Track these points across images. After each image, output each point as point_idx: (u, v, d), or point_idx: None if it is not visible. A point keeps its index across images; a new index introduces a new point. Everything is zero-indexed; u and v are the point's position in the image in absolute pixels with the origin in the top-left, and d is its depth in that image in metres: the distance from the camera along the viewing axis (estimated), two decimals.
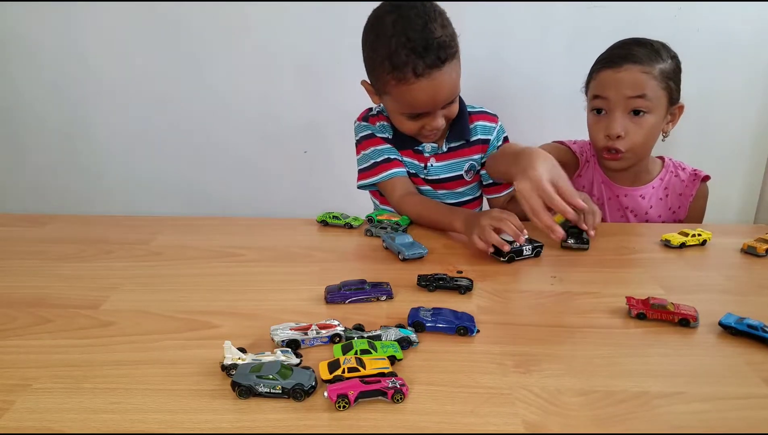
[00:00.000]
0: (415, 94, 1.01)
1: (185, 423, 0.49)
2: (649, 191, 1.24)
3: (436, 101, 1.04)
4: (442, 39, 0.98)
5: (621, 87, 1.10)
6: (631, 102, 1.10)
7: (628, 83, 1.09)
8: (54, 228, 1.02)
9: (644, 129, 1.12)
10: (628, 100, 1.10)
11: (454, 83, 1.04)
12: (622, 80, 1.09)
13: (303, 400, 0.51)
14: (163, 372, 0.56)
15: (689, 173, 1.26)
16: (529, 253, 0.88)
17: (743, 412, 0.52)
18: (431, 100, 1.03)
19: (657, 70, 1.09)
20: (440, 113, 1.07)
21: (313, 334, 0.61)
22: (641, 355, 0.61)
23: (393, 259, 0.88)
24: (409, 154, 1.20)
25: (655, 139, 1.17)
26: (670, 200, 1.25)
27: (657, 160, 1.28)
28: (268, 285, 0.79)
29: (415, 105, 1.04)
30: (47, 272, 0.82)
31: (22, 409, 0.50)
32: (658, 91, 1.10)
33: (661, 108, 1.12)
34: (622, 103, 1.10)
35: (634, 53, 1.10)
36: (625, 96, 1.10)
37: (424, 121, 1.08)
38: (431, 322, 0.64)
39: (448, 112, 1.09)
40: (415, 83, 0.99)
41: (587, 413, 0.51)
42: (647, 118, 1.11)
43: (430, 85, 0.99)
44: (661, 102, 1.11)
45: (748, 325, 0.64)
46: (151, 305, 0.71)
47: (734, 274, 0.86)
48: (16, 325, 0.66)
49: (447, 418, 0.50)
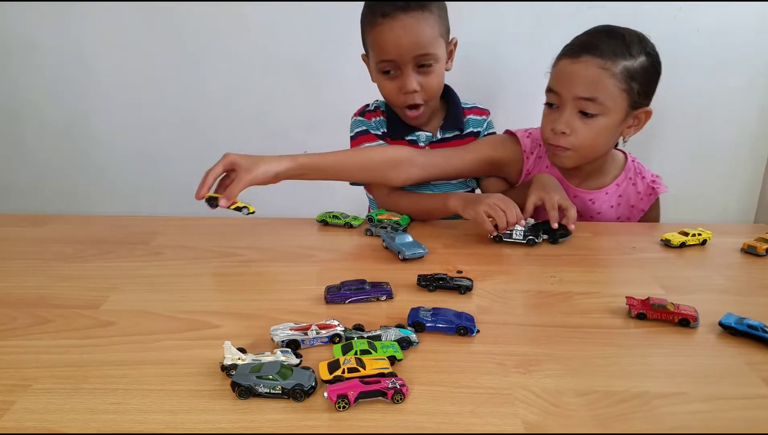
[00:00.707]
0: (381, 36, 1.07)
1: (185, 423, 0.49)
2: (601, 197, 1.15)
3: (400, 46, 1.06)
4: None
5: (573, 84, 0.99)
6: (581, 103, 1.00)
7: (581, 80, 0.98)
8: (54, 228, 1.02)
9: (593, 131, 1.01)
10: (577, 100, 1.00)
11: (422, 34, 1.06)
12: (576, 75, 0.99)
13: (303, 400, 0.51)
14: (163, 372, 0.56)
15: (647, 185, 1.17)
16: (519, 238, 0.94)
17: (743, 412, 0.52)
18: (395, 44, 1.06)
19: (619, 68, 0.97)
20: (412, 73, 1.09)
21: (313, 335, 0.61)
22: (641, 355, 0.61)
23: (393, 259, 0.88)
24: (404, 145, 1.20)
25: (609, 143, 1.07)
26: (621, 209, 1.17)
27: (618, 160, 1.18)
28: (268, 285, 0.79)
29: (383, 48, 1.08)
30: (47, 272, 0.82)
31: (22, 409, 0.50)
32: (615, 92, 0.98)
33: (618, 111, 1.00)
34: (571, 101, 1.01)
35: (598, 44, 0.98)
36: (575, 95, 0.99)
37: (399, 82, 1.10)
38: (431, 322, 0.64)
39: (425, 80, 1.11)
40: (382, 24, 1.06)
41: (587, 413, 0.51)
42: (598, 120, 1.00)
43: (395, 26, 1.05)
44: (617, 104, 0.99)
45: (748, 325, 0.64)
46: (151, 305, 0.71)
47: (734, 274, 0.86)
48: (16, 325, 0.66)
49: (447, 419, 0.50)
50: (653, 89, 1.04)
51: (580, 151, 1.05)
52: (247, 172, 0.91)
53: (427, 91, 1.12)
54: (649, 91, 1.03)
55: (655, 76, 1.02)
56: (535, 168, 1.17)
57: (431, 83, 1.12)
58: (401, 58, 1.07)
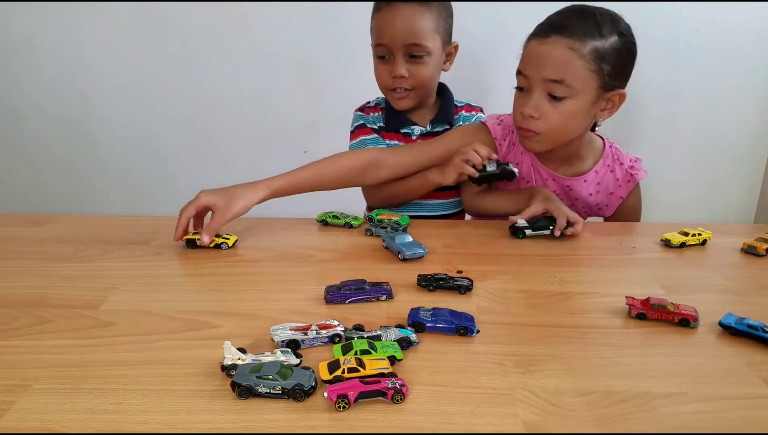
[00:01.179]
0: (379, 20, 1.14)
1: (185, 423, 0.49)
2: (579, 184, 1.13)
3: (393, 32, 1.12)
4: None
5: (540, 66, 0.97)
6: (549, 85, 0.97)
7: (548, 62, 0.96)
8: (54, 228, 1.02)
9: (562, 114, 0.98)
10: (545, 83, 0.97)
11: (416, 24, 1.11)
12: (543, 56, 0.96)
13: (303, 400, 0.51)
14: (163, 372, 0.56)
15: (625, 170, 1.14)
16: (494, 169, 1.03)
17: (743, 412, 0.52)
18: (389, 29, 1.12)
19: (588, 48, 0.93)
20: (402, 60, 1.14)
21: (313, 335, 0.61)
22: (641, 355, 0.61)
23: (393, 259, 0.88)
24: (399, 138, 1.26)
25: (580, 126, 1.03)
26: (599, 196, 1.15)
27: (597, 145, 1.15)
28: (268, 285, 0.79)
29: (379, 33, 1.15)
30: (47, 272, 0.82)
31: (22, 409, 0.50)
32: (584, 74, 0.95)
33: (588, 93, 0.97)
34: (539, 84, 0.98)
35: (567, 24, 0.95)
36: (543, 77, 0.97)
37: (390, 67, 1.16)
38: (431, 322, 0.64)
39: (415, 69, 1.15)
40: (382, 9, 1.13)
41: (587, 413, 0.51)
42: (567, 103, 0.97)
43: (391, 13, 1.12)
44: (587, 86, 0.96)
45: (748, 325, 0.64)
46: (151, 305, 0.71)
47: (734, 274, 0.86)
48: (16, 325, 0.66)
49: (447, 419, 0.50)
50: (627, 71, 1.00)
51: (550, 135, 1.02)
52: (226, 211, 0.92)
53: (416, 79, 1.16)
54: (622, 73, 0.99)
55: (628, 57, 0.99)
56: (509, 154, 1.15)
57: (421, 73, 1.16)
58: (393, 43, 1.13)
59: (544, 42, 0.96)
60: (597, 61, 0.95)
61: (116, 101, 1.85)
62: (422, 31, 1.12)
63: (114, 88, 1.83)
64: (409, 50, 1.13)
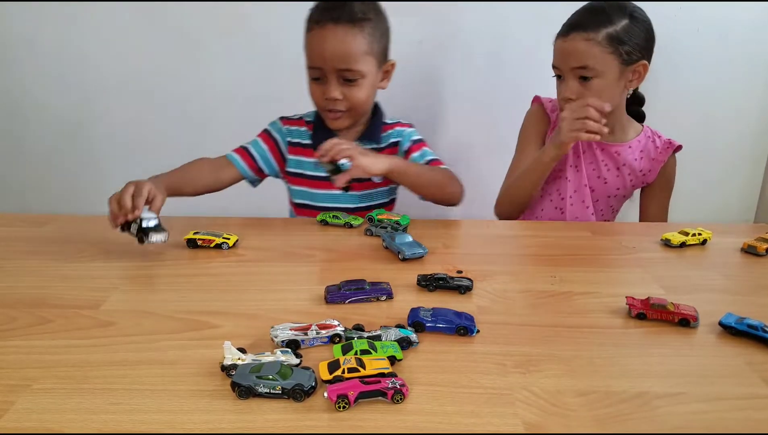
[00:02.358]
0: (311, 42, 1.12)
1: (185, 423, 0.49)
2: (625, 149, 1.29)
3: (324, 56, 1.09)
4: (351, 7, 1.08)
5: (567, 58, 1.17)
6: (576, 72, 1.17)
7: (571, 54, 1.16)
8: (54, 228, 1.02)
9: (593, 91, 1.16)
10: (574, 70, 1.17)
11: (347, 48, 1.08)
12: (567, 51, 1.17)
13: (303, 400, 0.51)
14: (163, 372, 0.56)
15: (664, 141, 1.32)
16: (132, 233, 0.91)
17: (743, 412, 0.52)
18: (320, 52, 1.09)
19: (602, 36, 1.13)
20: (336, 83, 1.11)
21: (313, 335, 0.61)
22: (641, 355, 0.61)
23: (393, 259, 0.88)
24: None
25: (614, 96, 1.20)
26: (643, 162, 1.31)
27: (636, 125, 1.33)
28: (268, 285, 0.79)
29: (310, 55, 1.12)
30: (47, 272, 0.82)
31: (22, 409, 0.50)
32: (603, 56, 1.14)
33: (611, 70, 1.16)
34: (569, 72, 1.18)
35: (581, 21, 1.16)
36: (570, 66, 1.17)
37: (324, 88, 1.13)
38: (431, 322, 0.64)
39: (349, 91, 1.12)
40: (312, 30, 1.10)
41: (587, 413, 0.51)
42: (595, 82, 1.16)
43: (322, 35, 1.08)
44: (609, 66, 1.15)
45: (748, 325, 0.64)
46: (151, 305, 0.71)
47: (734, 274, 0.86)
48: (16, 325, 0.66)
49: (447, 419, 0.50)
50: (645, 44, 1.17)
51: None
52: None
53: (349, 101, 1.13)
54: (641, 47, 1.16)
55: (642, 33, 1.16)
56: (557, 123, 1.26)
57: (355, 96, 1.13)
58: (325, 67, 1.10)
59: (566, 39, 1.17)
60: (612, 44, 1.14)
61: (116, 101, 1.84)
62: (355, 54, 1.09)
63: (114, 88, 1.83)
64: (342, 74, 1.11)
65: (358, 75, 1.11)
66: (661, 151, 1.31)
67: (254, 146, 1.26)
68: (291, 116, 1.28)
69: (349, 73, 1.10)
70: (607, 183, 1.31)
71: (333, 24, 1.07)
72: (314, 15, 1.11)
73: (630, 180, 1.31)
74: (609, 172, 1.30)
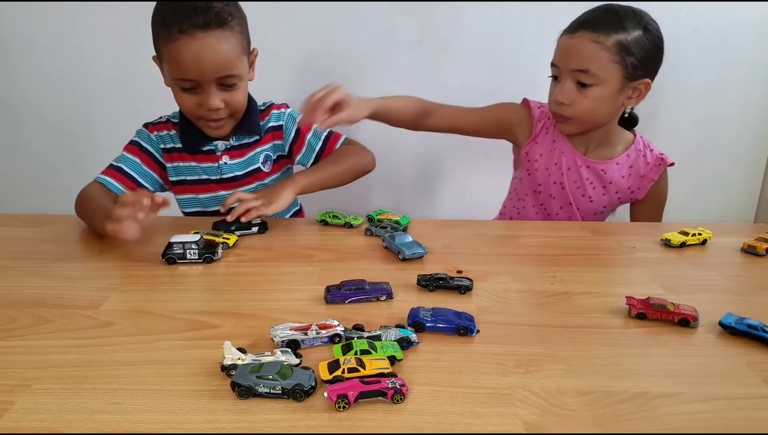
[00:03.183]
0: (179, 53, 0.98)
1: (185, 423, 0.49)
2: (612, 167, 1.21)
3: (201, 66, 0.99)
4: (216, 8, 0.98)
5: (569, 58, 1.09)
6: (576, 74, 1.09)
7: (575, 54, 1.08)
8: (54, 228, 1.02)
9: (589, 99, 1.10)
10: (573, 72, 1.09)
11: (224, 55, 1.00)
12: (571, 49, 1.09)
13: (303, 400, 0.51)
14: (163, 372, 0.56)
15: (656, 156, 1.23)
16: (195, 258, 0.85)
17: (743, 412, 0.52)
18: (195, 63, 0.98)
19: (612, 41, 1.05)
20: (216, 91, 1.03)
21: (313, 334, 0.61)
22: (641, 355, 0.61)
23: (393, 259, 0.88)
24: (201, 159, 1.16)
25: (608, 111, 1.14)
26: (631, 180, 1.23)
27: (627, 135, 1.24)
28: (268, 285, 0.79)
29: (181, 66, 1.00)
30: (47, 272, 0.82)
31: (22, 409, 0.50)
32: (608, 64, 1.06)
33: (612, 81, 1.08)
34: (568, 73, 1.10)
35: (593, 20, 1.08)
36: (571, 68, 1.09)
37: (201, 98, 1.04)
38: (431, 322, 0.64)
39: (230, 97, 1.05)
40: (179, 40, 0.97)
41: (587, 413, 0.51)
42: (593, 90, 1.09)
43: (193, 45, 0.97)
44: (611, 75, 1.07)
45: (748, 325, 0.64)
46: (151, 305, 0.71)
47: (734, 274, 0.86)
48: (16, 325, 0.66)
49: (447, 419, 0.50)
50: (652, 62, 1.09)
51: (580, 119, 1.14)
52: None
53: (231, 106, 1.07)
54: (647, 64, 1.08)
55: (652, 49, 1.08)
56: (540, 136, 1.25)
57: (236, 99, 1.07)
58: (203, 78, 1.01)
59: (573, 36, 1.09)
60: (620, 53, 1.05)
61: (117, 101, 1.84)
62: (232, 59, 1.01)
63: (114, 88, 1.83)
64: (222, 81, 1.02)
65: (238, 78, 1.04)
66: (652, 168, 1.22)
67: (125, 162, 1.14)
68: (155, 121, 1.19)
69: (228, 78, 1.03)
70: (593, 201, 1.24)
71: (202, 32, 0.96)
72: (174, 21, 0.97)
73: (617, 197, 1.25)
74: (594, 190, 1.23)
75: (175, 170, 1.17)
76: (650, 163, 1.23)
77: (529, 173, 1.26)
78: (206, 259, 0.85)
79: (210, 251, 0.85)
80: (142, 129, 1.19)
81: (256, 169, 1.19)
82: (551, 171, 1.23)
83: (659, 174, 1.23)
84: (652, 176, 1.23)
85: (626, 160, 1.22)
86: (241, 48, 1.04)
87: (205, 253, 0.85)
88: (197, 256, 0.85)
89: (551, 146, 1.23)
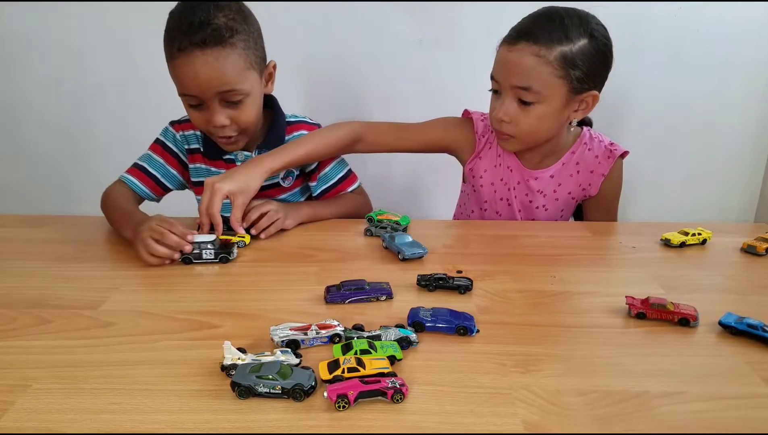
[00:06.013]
0: (179, 70, 0.98)
1: (185, 423, 0.49)
2: (558, 168, 1.14)
3: (199, 84, 0.97)
4: (215, 24, 0.95)
5: (509, 73, 1.00)
6: (517, 91, 1.00)
7: (515, 69, 0.99)
8: (54, 228, 1.02)
9: (531, 118, 1.02)
10: (514, 89, 1.00)
11: (223, 72, 0.97)
12: (511, 63, 0.99)
13: (303, 400, 0.51)
14: (163, 372, 0.56)
15: (604, 148, 1.14)
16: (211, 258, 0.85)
17: (743, 412, 0.52)
18: (194, 81, 0.97)
19: (555, 54, 0.96)
20: (220, 108, 1.00)
21: (313, 334, 0.61)
22: (641, 355, 0.61)
23: (393, 259, 0.88)
24: (220, 165, 1.15)
25: (552, 128, 1.06)
26: (581, 177, 1.15)
27: (575, 131, 1.16)
28: (268, 285, 0.79)
29: (182, 83, 0.99)
30: (47, 273, 0.82)
31: (22, 409, 0.50)
32: (551, 80, 0.97)
33: (557, 97, 1.00)
34: (509, 89, 1.01)
35: (534, 30, 0.97)
36: (512, 84, 1.00)
37: (207, 115, 1.02)
38: (431, 322, 0.64)
39: (237, 114, 1.02)
40: (178, 58, 0.96)
41: (587, 413, 0.51)
42: (536, 108, 1.00)
43: (191, 63, 0.95)
44: (555, 91, 0.99)
45: (748, 325, 0.64)
46: (151, 305, 0.71)
47: (734, 274, 0.86)
48: (16, 326, 0.66)
49: (447, 418, 0.50)
50: (599, 72, 1.01)
51: (523, 137, 1.07)
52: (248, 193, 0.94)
53: (238, 123, 1.04)
54: (593, 75, 1.00)
55: (599, 59, 0.99)
56: (483, 151, 1.18)
57: (243, 117, 1.03)
58: (203, 95, 0.99)
59: (513, 49, 0.99)
60: (565, 67, 0.97)
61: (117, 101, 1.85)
62: (232, 75, 0.98)
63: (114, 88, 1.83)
64: (225, 96, 0.99)
65: (242, 94, 1.00)
66: (601, 162, 1.13)
67: (149, 163, 1.15)
68: (181, 119, 1.16)
69: (232, 94, 0.99)
70: (548, 209, 1.17)
71: (200, 50, 0.94)
72: (174, 38, 0.96)
73: (571, 197, 1.17)
74: (546, 198, 1.16)
75: (197, 171, 1.17)
76: (599, 156, 1.14)
77: (474, 190, 1.21)
78: (222, 258, 0.85)
79: (226, 251, 0.86)
80: (168, 127, 1.18)
81: (275, 183, 1.17)
82: (497, 186, 1.17)
83: (610, 167, 1.14)
84: (602, 171, 1.14)
85: (570, 158, 1.14)
86: (246, 63, 1.00)
87: (221, 252, 0.85)
88: (213, 256, 0.85)
89: (496, 161, 1.17)
